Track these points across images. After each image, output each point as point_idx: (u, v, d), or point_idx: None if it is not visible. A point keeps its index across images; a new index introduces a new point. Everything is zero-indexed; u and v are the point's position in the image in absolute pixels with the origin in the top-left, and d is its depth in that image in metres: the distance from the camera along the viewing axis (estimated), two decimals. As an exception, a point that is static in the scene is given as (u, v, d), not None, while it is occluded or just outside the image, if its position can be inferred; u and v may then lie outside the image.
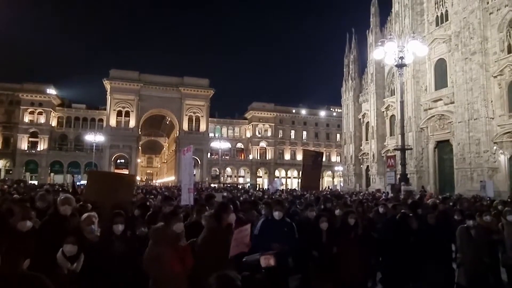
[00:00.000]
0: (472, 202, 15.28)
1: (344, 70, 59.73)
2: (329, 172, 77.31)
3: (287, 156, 79.92)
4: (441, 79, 40.87)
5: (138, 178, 71.28)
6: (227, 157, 77.48)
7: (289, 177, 79.15)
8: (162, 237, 5.01)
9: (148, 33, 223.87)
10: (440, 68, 41.09)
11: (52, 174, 66.01)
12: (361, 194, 27.46)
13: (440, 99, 40.36)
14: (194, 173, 68.72)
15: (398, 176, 19.59)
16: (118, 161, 68.71)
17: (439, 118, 40.62)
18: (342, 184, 64.26)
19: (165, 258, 4.83)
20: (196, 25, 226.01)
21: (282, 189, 28.22)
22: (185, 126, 71.31)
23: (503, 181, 33.09)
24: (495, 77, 34.49)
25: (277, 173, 78.86)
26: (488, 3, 35.42)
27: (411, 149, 35.52)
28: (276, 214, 6.13)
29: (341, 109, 64.16)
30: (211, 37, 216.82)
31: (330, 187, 58.12)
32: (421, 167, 41.94)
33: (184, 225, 5.23)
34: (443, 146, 40.74)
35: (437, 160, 41.73)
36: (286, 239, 5.93)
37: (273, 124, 78.87)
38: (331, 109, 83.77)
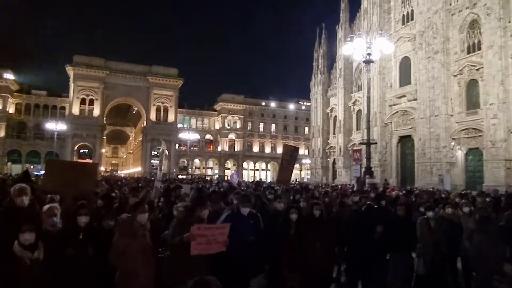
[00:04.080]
0: (431, 194, 16.01)
1: (314, 64, 60.48)
2: (297, 165, 78.49)
3: (255, 149, 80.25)
4: (405, 76, 42.33)
5: (102, 168, 69.15)
6: (196, 148, 76.76)
7: (257, 169, 79.65)
8: (128, 229, 4.89)
9: (116, 20, 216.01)
10: (405, 66, 42.53)
11: (9, 163, 62.64)
12: (329, 186, 28.08)
13: (404, 96, 41.85)
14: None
15: (363, 169, 20.21)
16: (81, 150, 66.25)
17: (402, 114, 42.13)
18: (309, 177, 65.50)
19: (131, 251, 4.72)
20: (165, 15, 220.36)
21: (252, 181, 28.38)
22: (153, 116, 69.74)
23: (459, 175, 34.96)
24: (455, 76, 36.14)
25: (245, 165, 79.12)
26: (451, 4, 36.90)
27: (376, 143, 36.62)
28: (244, 211, 6.11)
29: (310, 102, 65.07)
30: (181, 27, 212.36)
31: (298, 180, 59.04)
32: (384, 161, 43.46)
33: (157, 217, 5.13)
34: (406, 141, 42.40)
35: (399, 155, 43.40)
36: (252, 231, 5.94)
37: (242, 116, 78.81)
38: (300, 102, 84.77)
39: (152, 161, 70.61)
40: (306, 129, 78.19)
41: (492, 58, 31.74)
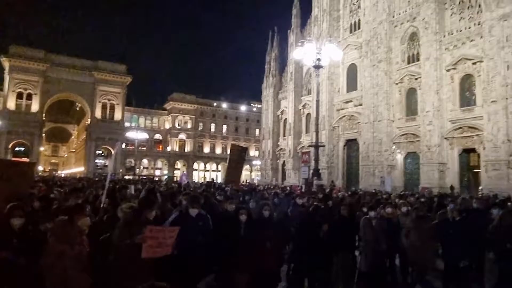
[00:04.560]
0: (373, 195, 16.90)
1: (266, 67, 61.27)
2: (247, 166, 78.97)
3: (206, 149, 79.57)
4: (352, 82, 44.33)
5: (40, 168, 64.58)
6: (144, 148, 74.39)
7: (208, 170, 78.99)
8: (64, 233, 4.59)
9: (59, 11, 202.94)
10: (352, 72, 44.54)
11: None
12: (279, 187, 28.54)
13: (351, 101, 43.78)
14: (106, 163, 64.55)
15: (312, 171, 20.81)
16: (17, 148, 61.32)
17: (349, 119, 44.06)
18: (259, 178, 66.15)
19: (66, 257, 4.44)
20: (114, 10, 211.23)
21: (202, 182, 28.06)
22: (98, 114, 66.45)
23: (399, 177, 37.25)
24: (396, 84, 38.50)
25: (196, 166, 78.10)
26: (394, 16, 39.27)
27: (324, 146, 37.91)
28: (192, 211, 6.04)
29: (261, 104, 65.80)
30: (131, 23, 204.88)
31: (248, 181, 59.39)
32: (331, 163, 45.12)
33: (101, 219, 4.88)
34: (351, 144, 44.37)
35: (346, 157, 45.31)
36: (201, 232, 5.88)
37: (193, 116, 77.75)
38: (252, 104, 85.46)
39: (97, 160, 67.26)
40: (257, 130, 78.99)
41: (429, 69, 34.25)
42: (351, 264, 7.95)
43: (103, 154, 69.11)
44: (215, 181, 33.64)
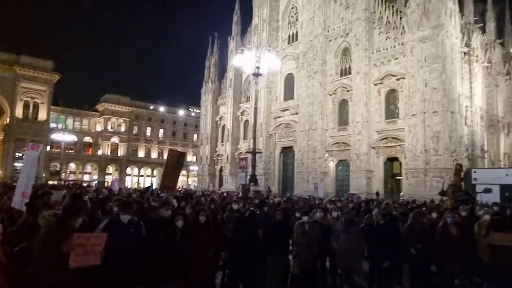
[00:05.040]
0: (307, 201, 17.55)
1: (205, 72, 60.92)
2: (184, 172, 77.41)
3: (141, 154, 76.55)
4: (289, 91, 45.87)
5: None
6: (72, 151, 69.44)
7: (142, 175, 75.99)
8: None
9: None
10: (289, 82, 46.11)
11: None
12: (216, 193, 28.39)
13: (287, 109, 45.23)
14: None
15: (249, 177, 21.04)
16: None
17: (285, 126, 45.42)
18: (196, 184, 65.22)
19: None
20: (44, 3, 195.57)
21: (136, 188, 26.89)
22: (19, 113, 60.55)
23: (331, 184, 39.15)
24: (330, 95, 40.60)
25: (129, 170, 74.70)
26: (328, 31, 41.51)
27: (261, 152, 38.64)
28: (124, 218, 5.77)
29: (200, 110, 65.17)
30: (63, 16, 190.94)
31: (184, 187, 58.21)
32: (268, 170, 46.06)
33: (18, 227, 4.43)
34: (288, 152, 45.73)
35: (282, 164, 46.57)
36: (132, 240, 5.64)
37: (128, 119, 74.46)
38: (190, 109, 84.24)
39: (16, 164, 61.26)
40: (195, 136, 77.97)
41: (359, 82, 36.69)
42: (284, 267, 8.15)
43: (23, 157, 63.12)
44: (153, 187, 32.48)
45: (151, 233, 6.20)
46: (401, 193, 32.54)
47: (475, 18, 40.31)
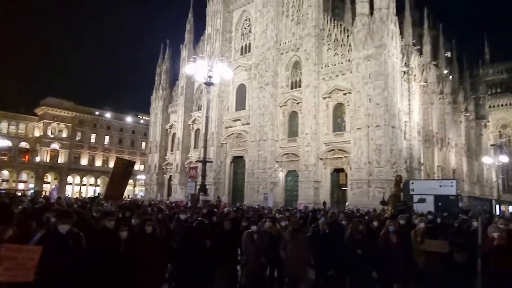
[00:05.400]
0: (256, 211, 17.66)
1: (156, 79, 59.65)
2: (131, 181, 74.45)
3: (84, 161, 72.44)
4: (241, 102, 46.23)
5: None
6: (5, 157, 64.08)
7: (85, 184, 71.90)
8: None
9: None
10: (241, 92, 46.50)
11: None
12: (164, 203, 27.62)
13: (239, 120, 45.49)
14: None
15: (198, 186, 20.74)
16: None
17: (236, 136, 45.58)
18: (143, 194, 62.98)
19: None
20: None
21: (77, 197, 25.34)
22: None
23: (280, 194, 39.78)
24: (281, 106, 41.53)
25: (70, 179, 70.29)
26: (280, 45, 42.64)
27: (211, 162, 38.30)
28: (62, 228, 5.42)
29: (149, 117, 63.38)
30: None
31: (130, 196, 55.94)
32: (218, 179, 45.77)
33: None
34: (238, 161, 45.84)
35: (232, 174, 46.52)
36: (71, 252, 5.31)
37: (70, 125, 70.30)
38: (139, 116, 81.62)
39: None
40: (144, 143, 75.56)
41: (309, 95, 37.94)
42: (232, 277, 8.10)
43: None
44: (100, 196, 30.85)
45: (92, 245, 5.87)
46: (347, 203, 33.88)
47: (414, 41, 43.68)
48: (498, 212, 33.58)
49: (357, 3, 35.93)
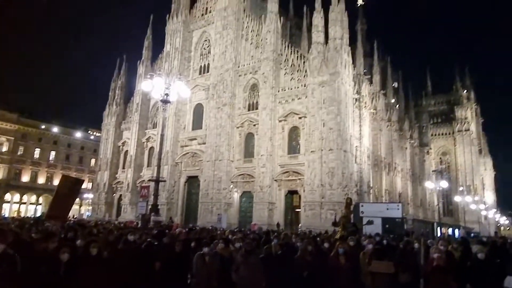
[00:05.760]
0: (209, 232, 17.32)
1: (110, 94, 57.81)
2: (77, 200, 70.24)
3: (25, 178, 67.41)
4: (198, 121, 45.95)
5: None
6: None
7: (25, 203, 66.69)
8: None
9: None
10: (198, 112, 46.30)
11: None
12: (112, 223, 26.32)
13: (195, 139, 45.05)
14: None
15: (150, 206, 20.02)
16: None
17: (192, 156, 44.97)
18: (90, 213, 59.60)
19: None
20: None
21: (15, 216, 23.39)
22: None
23: (234, 214, 39.46)
24: (237, 127, 41.78)
25: (8, 196, 64.93)
26: (239, 67, 43.34)
27: (164, 181, 37.31)
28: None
29: (101, 133, 60.85)
30: None
31: (75, 216, 52.68)
32: (171, 199, 44.57)
33: None
34: (193, 181, 45.06)
35: (186, 194, 45.56)
36: (4, 277, 4.89)
37: (12, 138, 65.52)
38: (90, 131, 78.09)
39: None
40: (93, 161, 72.05)
41: (265, 117, 38.60)
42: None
43: None
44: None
45: (29, 269, 5.43)
46: (300, 225, 34.30)
47: (365, 70, 46.46)
48: (439, 234, 35.64)
49: (313, 32, 37.67)
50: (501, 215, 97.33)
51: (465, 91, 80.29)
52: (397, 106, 59.40)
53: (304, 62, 38.73)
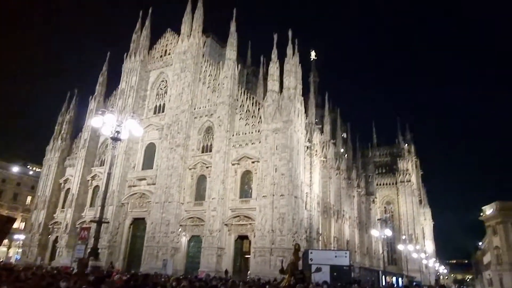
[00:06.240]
0: (152, 279, 16.32)
1: (56, 128, 55.05)
2: (5, 241, 63.44)
3: None
4: (149, 160, 44.71)
5: None
6: None
7: None
8: None
9: None
10: (150, 151, 45.21)
11: None
12: (44, 268, 23.98)
13: (145, 179, 43.52)
14: None
15: (89, 250, 18.62)
16: None
17: (140, 196, 43.14)
18: (18, 257, 53.98)
19: None
20: None
21: None
22: None
23: (181, 260, 37.67)
24: (190, 169, 41.14)
25: None
26: (195, 109, 43.60)
27: (108, 222, 35.16)
28: None
29: (41, 168, 56.86)
30: None
31: (1, 259, 47.32)
32: (114, 242, 41.79)
33: None
34: (139, 223, 42.85)
35: (130, 237, 43.02)
36: None
37: None
38: (29, 166, 72.79)
39: None
40: (29, 198, 66.47)
41: (218, 160, 38.52)
42: None
43: None
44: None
45: None
46: (249, 272, 33.40)
47: (316, 120, 48.65)
48: (383, 283, 36.36)
49: (269, 80, 39.33)
50: (440, 264, 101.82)
51: (406, 144, 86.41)
52: (346, 155, 62.16)
53: (259, 108, 39.87)
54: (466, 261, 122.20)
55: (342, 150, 59.34)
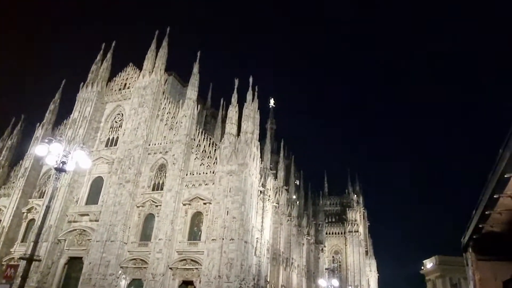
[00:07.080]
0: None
1: (-6, 154, 50.98)
2: None
3: None
4: (94, 195, 42.31)
5: None
6: None
7: None
8: None
9: None
10: (97, 185, 42.93)
11: None
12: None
13: (87, 215, 40.88)
14: None
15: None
16: None
17: (80, 233, 40.22)
18: None
19: None
20: None
21: None
22: None
23: (117, 306, 34.74)
24: (138, 207, 39.37)
25: None
26: (149, 145, 42.64)
27: (40, 260, 32.15)
28: None
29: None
30: None
31: None
32: (44, 284, 37.90)
33: None
34: (76, 263, 39.49)
35: (64, 278, 39.34)
36: None
37: None
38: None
39: None
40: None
41: (169, 199, 37.34)
42: None
43: None
44: None
45: None
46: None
47: (271, 165, 49.38)
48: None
49: (227, 123, 39.82)
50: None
51: (356, 195, 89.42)
52: (298, 202, 62.92)
53: (215, 150, 39.84)
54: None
55: (294, 197, 60.06)
